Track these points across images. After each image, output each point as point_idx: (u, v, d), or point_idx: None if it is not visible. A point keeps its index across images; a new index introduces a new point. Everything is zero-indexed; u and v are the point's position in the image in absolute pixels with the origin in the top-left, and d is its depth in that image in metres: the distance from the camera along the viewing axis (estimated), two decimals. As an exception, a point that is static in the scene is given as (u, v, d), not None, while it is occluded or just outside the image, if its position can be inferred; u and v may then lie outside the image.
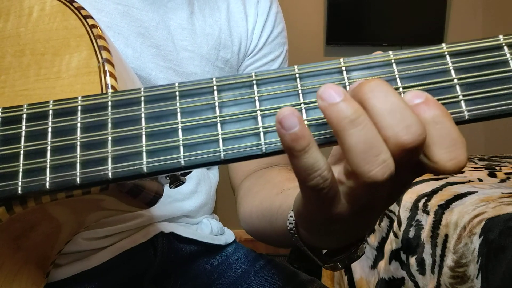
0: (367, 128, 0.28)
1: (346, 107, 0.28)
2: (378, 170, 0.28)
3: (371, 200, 0.32)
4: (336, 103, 0.28)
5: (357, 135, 0.28)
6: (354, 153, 0.28)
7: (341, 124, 0.28)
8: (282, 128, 0.28)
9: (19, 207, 0.34)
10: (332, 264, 0.43)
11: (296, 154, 0.29)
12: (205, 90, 0.31)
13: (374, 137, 0.28)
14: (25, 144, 0.32)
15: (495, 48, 0.30)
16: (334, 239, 0.39)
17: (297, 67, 0.31)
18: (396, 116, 0.28)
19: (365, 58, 0.31)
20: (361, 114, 0.28)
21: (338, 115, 0.28)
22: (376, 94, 0.28)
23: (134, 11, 0.58)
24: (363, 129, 0.28)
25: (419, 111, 0.28)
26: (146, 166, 0.30)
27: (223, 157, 0.30)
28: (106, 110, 0.32)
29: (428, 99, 0.29)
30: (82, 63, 0.37)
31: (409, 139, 0.27)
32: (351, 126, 0.28)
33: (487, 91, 0.29)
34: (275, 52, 0.72)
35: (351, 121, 0.28)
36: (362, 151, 0.28)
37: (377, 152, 0.28)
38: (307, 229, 0.39)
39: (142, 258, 0.62)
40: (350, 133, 0.28)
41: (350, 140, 0.28)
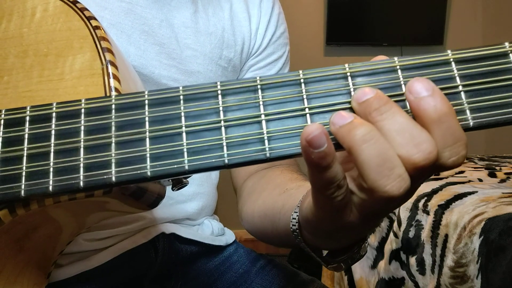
0: (380, 142, 0.28)
1: (357, 125, 0.28)
2: (394, 185, 0.28)
3: (382, 210, 0.32)
4: (346, 123, 0.29)
5: (370, 149, 0.28)
6: (368, 167, 0.28)
7: (353, 140, 0.28)
8: (310, 147, 0.28)
9: (22, 210, 0.34)
10: (336, 264, 0.43)
11: (321, 170, 0.29)
12: (210, 94, 0.31)
13: (387, 151, 0.28)
14: (28, 146, 0.32)
15: (501, 56, 0.30)
16: (338, 241, 0.39)
17: (301, 72, 0.31)
18: (405, 135, 0.28)
19: (370, 64, 0.31)
20: (371, 129, 0.28)
21: (349, 133, 0.28)
22: (384, 116, 0.29)
23: (138, 8, 0.58)
24: (375, 143, 0.28)
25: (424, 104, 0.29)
26: (150, 171, 0.30)
27: (227, 162, 0.30)
28: (110, 113, 0.32)
29: (435, 92, 0.29)
30: (85, 65, 0.37)
31: (421, 157, 0.28)
32: (363, 142, 0.28)
33: (492, 98, 0.29)
34: (278, 52, 0.72)
35: (362, 136, 0.28)
36: (376, 165, 0.28)
37: (391, 166, 0.28)
38: (312, 233, 0.40)
39: (143, 258, 0.62)
40: (363, 148, 0.28)
41: (364, 155, 0.28)
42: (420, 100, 0.29)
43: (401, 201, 0.30)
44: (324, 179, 0.29)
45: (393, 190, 0.28)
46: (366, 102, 0.29)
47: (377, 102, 0.29)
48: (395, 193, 0.28)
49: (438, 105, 0.28)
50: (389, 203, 0.29)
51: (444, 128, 0.28)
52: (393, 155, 0.28)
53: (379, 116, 0.29)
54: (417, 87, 0.29)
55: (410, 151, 0.28)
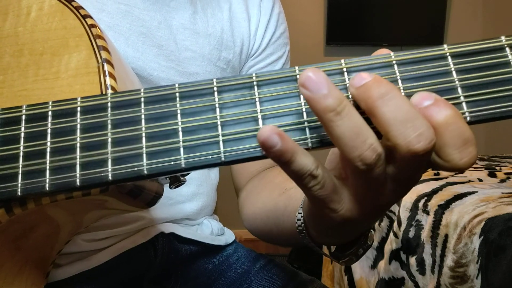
0: (353, 117, 0.29)
1: (333, 101, 0.28)
2: (368, 153, 0.29)
3: (375, 197, 0.32)
4: (322, 96, 0.28)
5: (343, 125, 0.29)
6: (343, 142, 0.29)
7: (327, 116, 0.29)
8: (265, 148, 0.29)
9: (19, 209, 0.34)
10: (347, 258, 0.43)
11: (285, 164, 0.30)
12: (206, 91, 0.31)
13: (360, 125, 0.29)
14: (24, 145, 0.32)
15: (497, 50, 0.30)
16: (344, 236, 0.39)
17: (298, 68, 0.31)
18: (407, 125, 0.28)
19: (366, 59, 0.31)
20: (345, 105, 0.29)
21: (324, 109, 0.29)
22: (386, 102, 0.28)
23: (136, 10, 0.58)
24: (349, 119, 0.29)
25: (431, 113, 0.29)
26: (146, 168, 0.30)
27: (223, 159, 0.30)
28: (106, 111, 0.31)
29: (438, 100, 0.29)
30: (81, 63, 0.37)
31: (421, 147, 0.28)
32: (338, 118, 0.29)
33: (489, 92, 0.29)
34: (278, 52, 0.72)
35: (337, 113, 0.28)
36: (350, 139, 0.29)
37: (364, 138, 0.29)
38: (317, 230, 0.40)
39: (142, 258, 0.62)
40: (337, 124, 0.29)
41: (338, 131, 0.29)
42: (424, 109, 0.29)
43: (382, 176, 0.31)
44: (292, 172, 0.30)
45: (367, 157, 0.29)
46: (364, 86, 0.29)
47: (376, 85, 0.29)
48: (368, 160, 0.29)
49: (442, 109, 0.28)
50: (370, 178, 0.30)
51: (453, 130, 0.28)
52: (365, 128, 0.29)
53: (380, 100, 0.28)
54: (417, 98, 0.29)
55: (412, 141, 0.28)
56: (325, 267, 1.72)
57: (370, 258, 1.43)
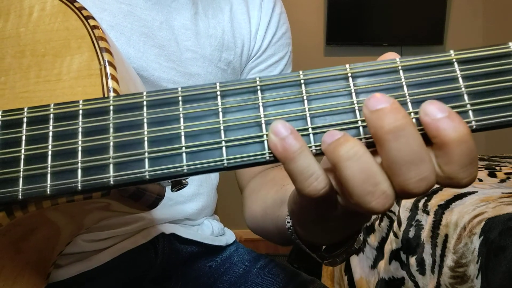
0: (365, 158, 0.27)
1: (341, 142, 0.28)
2: (378, 202, 0.28)
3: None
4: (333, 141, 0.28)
5: (354, 167, 0.27)
6: (352, 185, 0.28)
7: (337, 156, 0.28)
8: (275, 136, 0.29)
9: (20, 212, 0.33)
10: (331, 259, 0.43)
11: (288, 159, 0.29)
12: (209, 95, 0.31)
13: (371, 166, 0.28)
14: (25, 148, 0.32)
15: (504, 56, 0.30)
16: (330, 235, 0.39)
17: (302, 73, 0.30)
18: (411, 168, 0.27)
19: (372, 64, 0.30)
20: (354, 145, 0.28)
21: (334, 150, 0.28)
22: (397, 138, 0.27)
23: (138, 10, 0.58)
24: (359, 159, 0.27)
25: (444, 127, 0.27)
26: (149, 173, 0.30)
27: (226, 164, 0.29)
28: (108, 115, 0.31)
29: (452, 114, 0.28)
30: (83, 65, 0.37)
31: (419, 191, 0.27)
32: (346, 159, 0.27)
33: (496, 100, 0.29)
34: (279, 53, 0.72)
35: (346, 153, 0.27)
36: (360, 182, 0.27)
37: (375, 182, 0.27)
38: (301, 226, 0.40)
39: (143, 259, 0.61)
40: (346, 165, 0.27)
41: (348, 172, 0.27)
42: (437, 121, 0.27)
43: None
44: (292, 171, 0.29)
45: (378, 208, 0.28)
46: (380, 112, 0.27)
47: (392, 116, 0.27)
48: (379, 210, 0.28)
49: (457, 125, 0.27)
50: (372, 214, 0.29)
51: (464, 148, 0.27)
52: (377, 171, 0.27)
53: (391, 134, 0.27)
54: (431, 108, 0.27)
55: (410, 185, 0.27)
56: (325, 267, 1.72)
57: (370, 258, 1.43)
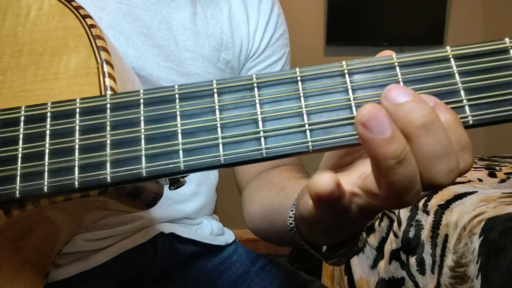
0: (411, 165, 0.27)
1: (396, 147, 0.26)
2: (412, 198, 0.28)
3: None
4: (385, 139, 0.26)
5: (401, 174, 0.27)
6: (396, 188, 0.27)
7: (388, 162, 0.26)
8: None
9: (17, 210, 0.33)
10: (336, 259, 0.43)
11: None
12: (205, 93, 0.31)
13: (416, 174, 0.27)
14: (23, 147, 0.32)
15: (501, 52, 0.30)
16: (336, 236, 0.39)
17: (298, 70, 0.31)
18: (442, 161, 0.27)
19: (368, 61, 0.30)
20: (407, 153, 0.26)
21: (385, 153, 0.26)
22: (428, 133, 0.27)
23: (137, 10, 0.58)
24: (409, 168, 0.27)
25: None
26: (145, 171, 0.30)
27: (223, 161, 0.29)
28: (105, 113, 0.31)
29: (438, 104, 0.28)
30: (80, 64, 0.37)
31: (448, 182, 0.28)
32: (398, 166, 0.26)
33: (492, 95, 0.29)
34: (277, 54, 0.72)
35: (399, 161, 0.26)
36: (405, 187, 0.27)
37: (414, 185, 0.27)
38: (309, 230, 0.39)
39: (142, 258, 0.61)
40: (395, 172, 0.26)
41: (394, 179, 0.27)
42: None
43: None
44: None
45: (412, 203, 0.28)
46: (406, 107, 0.27)
47: (420, 110, 0.26)
48: (412, 203, 0.28)
49: (442, 113, 0.27)
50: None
51: (451, 134, 0.28)
52: (418, 175, 0.27)
53: (422, 129, 0.26)
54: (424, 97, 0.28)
55: (440, 178, 0.27)
56: (325, 267, 1.72)
57: (370, 258, 1.42)
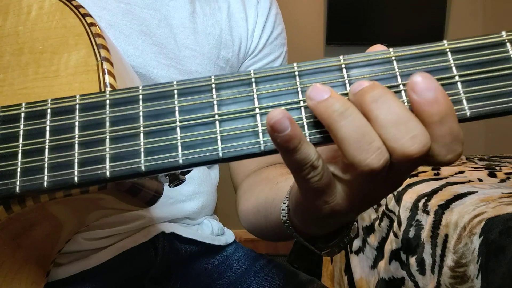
0: (357, 118, 0.29)
1: (334, 102, 0.29)
2: (374, 157, 0.29)
3: (368, 193, 0.33)
4: (324, 99, 0.29)
5: (348, 125, 0.29)
6: (348, 143, 0.29)
7: (332, 117, 0.29)
8: (274, 131, 0.29)
9: (18, 206, 0.34)
10: (329, 249, 0.43)
11: (290, 152, 0.29)
12: (204, 88, 0.31)
13: (364, 126, 0.29)
14: (23, 143, 0.32)
15: (498, 45, 0.30)
16: (328, 226, 0.40)
17: (296, 65, 0.31)
18: (401, 128, 0.28)
19: (365, 55, 0.31)
20: (349, 106, 0.29)
21: (327, 110, 0.29)
22: (379, 105, 0.29)
23: (136, 9, 0.59)
24: (353, 120, 0.29)
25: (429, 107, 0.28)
26: (144, 165, 0.30)
27: (221, 155, 0.30)
28: (104, 109, 0.31)
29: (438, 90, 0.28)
30: (80, 61, 0.37)
31: (415, 150, 0.28)
32: (341, 118, 0.29)
33: (489, 88, 0.29)
34: (275, 53, 0.73)
35: (340, 114, 0.29)
36: (355, 141, 0.29)
37: (370, 140, 0.29)
38: (302, 220, 0.40)
39: (143, 258, 0.62)
40: (341, 125, 0.29)
41: (342, 132, 0.29)
42: (424, 101, 0.28)
43: (383, 176, 0.31)
44: (295, 161, 0.30)
45: (374, 163, 0.29)
46: (361, 91, 0.29)
47: (371, 90, 0.29)
48: (375, 165, 0.29)
49: (441, 107, 0.28)
50: (371, 178, 0.30)
51: (445, 128, 0.28)
52: (370, 129, 0.29)
53: (373, 103, 0.29)
54: (420, 86, 0.28)
55: (405, 143, 0.28)
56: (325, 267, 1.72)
57: (370, 258, 1.43)
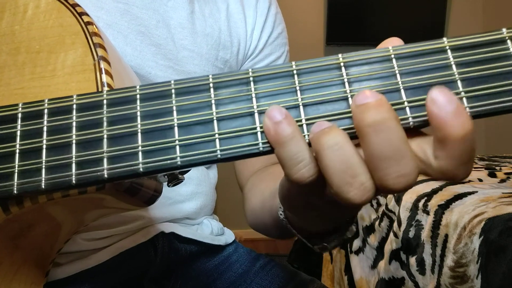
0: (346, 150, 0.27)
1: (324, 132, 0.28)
2: (356, 193, 0.27)
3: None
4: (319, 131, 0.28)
5: (333, 154, 0.27)
6: (331, 172, 0.27)
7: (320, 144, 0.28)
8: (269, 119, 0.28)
9: (16, 207, 0.34)
10: (321, 245, 0.43)
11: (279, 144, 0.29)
12: (202, 88, 0.31)
13: (353, 158, 0.27)
14: (20, 143, 0.32)
15: (498, 42, 0.29)
16: (320, 222, 0.39)
17: (294, 64, 0.30)
18: (390, 165, 0.27)
19: (364, 53, 0.30)
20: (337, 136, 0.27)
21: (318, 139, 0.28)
22: (378, 133, 0.27)
23: (135, 9, 0.58)
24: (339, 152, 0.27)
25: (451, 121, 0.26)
26: (142, 166, 0.30)
27: (219, 156, 0.29)
28: (101, 109, 0.31)
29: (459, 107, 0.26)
30: (77, 61, 0.37)
31: (397, 188, 0.27)
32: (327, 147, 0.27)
33: (490, 86, 0.28)
34: (276, 52, 0.72)
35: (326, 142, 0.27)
36: (339, 171, 0.27)
37: (354, 174, 0.27)
38: (291, 211, 0.40)
39: (143, 258, 0.61)
40: (326, 153, 0.27)
41: (327, 160, 0.27)
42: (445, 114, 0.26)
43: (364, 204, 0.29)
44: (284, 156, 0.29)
45: (355, 199, 0.28)
46: (364, 106, 0.27)
47: (374, 110, 0.27)
48: (356, 201, 0.28)
49: (464, 121, 0.26)
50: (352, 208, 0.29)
51: (467, 145, 0.27)
52: (357, 162, 0.27)
53: (371, 127, 0.27)
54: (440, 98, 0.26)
55: (392, 180, 0.27)
56: (325, 267, 1.72)
57: (370, 258, 1.42)
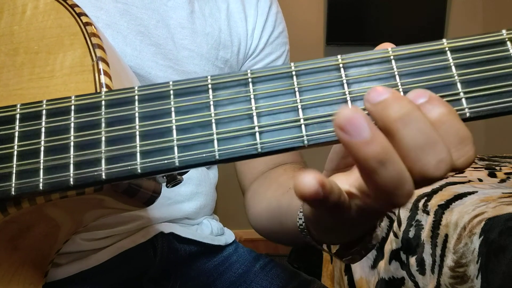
0: (396, 165, 0.26)
1: (375, 149, 0.25)
2: (404, 200, 0.27)
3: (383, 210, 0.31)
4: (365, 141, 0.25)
5: (385, 175, 0.26)
6: (383, 189, 0.27)
7: (370, 164, 0.25)
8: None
9: (14, 208, 0.33)
10: (350, 257, 0.42)
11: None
12: (200, 89, 0.31)
13: (403, 172, 0.26)
14: (18, 144, 0.32)
15: (498, 44, 0.29)
16: (346, 236, 0.38)
17: (293, 65, 0.30)
18: (428, 152, 0.26)
19: (364, 54, 0.30)
20: (389, 154, 0.25)
21: (365, 155, 0.25)
22: (407, 124, 0.26)
23: (134, 9, 0.58)
24: (393, 169, 0.26)
25: (425, 111, 0.27)
26: (140, 167, 0.30)
27: (218, 157, 0.29)
28: (99, 110, 0.31)
29: (432, 98, 0.28)
30: (76, 61, 0.37)
31: (440, 173, 0.27)
32: (381, 167, 0.25)
33: (489, 88, 0.28)
34: (276, 52, 0.72)
35: (380, 161, 0.25)
36: (393, 188, 0.26)
37: (403, 184, 0.26)
38: (317, 230, 0.39)
39: (142, 258, 0.61)
40: (379, 173, 0.26)
41: (379, 180, 0.26)
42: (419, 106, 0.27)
43: None
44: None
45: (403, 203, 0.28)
46: (383, 103, 0.26)
47: (396, 104, 0.26)
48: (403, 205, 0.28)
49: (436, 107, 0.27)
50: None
51: (446, 128, 0.27)
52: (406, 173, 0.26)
53: (399, 121, 0.26)
54: (413, 95, 0.27)
55: (431, 168, 0.26)
56: (325, 267, 1.72)
57: (370, 258, 1.42)
